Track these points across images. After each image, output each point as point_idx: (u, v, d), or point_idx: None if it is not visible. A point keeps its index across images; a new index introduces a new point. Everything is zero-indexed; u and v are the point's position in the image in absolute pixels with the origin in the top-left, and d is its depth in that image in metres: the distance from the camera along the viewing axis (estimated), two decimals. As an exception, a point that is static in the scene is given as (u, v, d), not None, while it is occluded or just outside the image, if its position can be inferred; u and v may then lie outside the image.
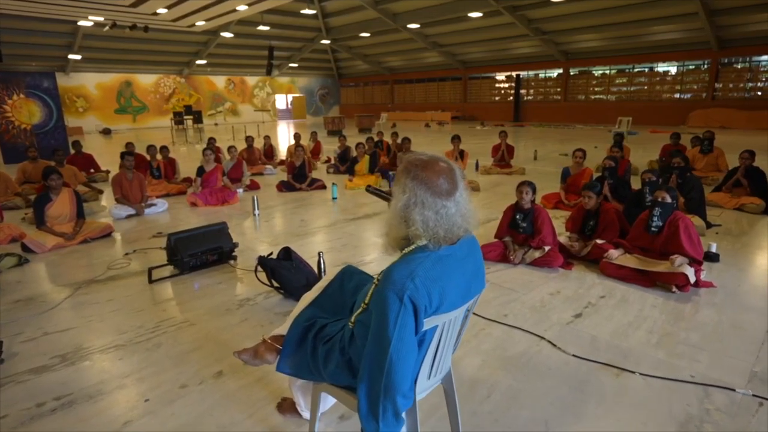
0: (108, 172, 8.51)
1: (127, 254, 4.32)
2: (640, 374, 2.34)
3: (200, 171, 6.41)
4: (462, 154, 7.12)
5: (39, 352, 2.63)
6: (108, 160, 10.71)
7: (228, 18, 18.93)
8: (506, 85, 26.75)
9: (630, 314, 2.99)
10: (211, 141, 8.83)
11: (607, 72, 22.51)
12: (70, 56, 21.82)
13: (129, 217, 5.68)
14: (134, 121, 26.01)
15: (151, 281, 3.62)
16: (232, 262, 4.04)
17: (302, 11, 20.84)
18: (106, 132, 22.96)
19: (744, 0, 15.23)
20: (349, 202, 6.40)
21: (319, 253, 3.56)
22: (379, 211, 5.86)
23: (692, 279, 3.19)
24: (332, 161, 9.44)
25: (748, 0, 15.17)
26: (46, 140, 11.22)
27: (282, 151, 11.54)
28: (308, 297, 1.85)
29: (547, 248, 3.77)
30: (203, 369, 2.43)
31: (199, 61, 25.87)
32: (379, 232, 4.89)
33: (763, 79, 18.32)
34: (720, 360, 2.46)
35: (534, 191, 3.91)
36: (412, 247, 1.33)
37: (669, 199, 3.39)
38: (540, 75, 25.17)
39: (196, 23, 19.31)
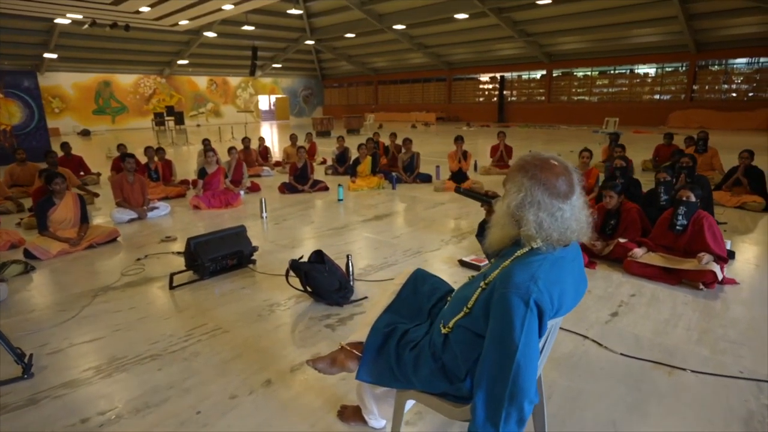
0: (99, 174, 8.23)
1: (139, 260, 4.16)
2: (692, 371, 2.36)
3: (202, 173, 6.25)
4: (465, 155, 7.13)
5: (70, 365, 2.50)
6: (91, 162, 10.34)
7: (212, 17, 18.60)
8: (490, 86, 27.02)
9: (664, 312, 3.02)
10: (207, 142, 8.62)
11: (589, 73, 22.97)
12: (46, 55, 21.10)
13: (131, 221, 5.49)
14: (113, 122, 25.31)
15: (172, 287, 3.50)
16: (251, 266, 3.94)
17: (288, 11, 20.63)
18: (85, 133, 22.27)
19: (720, 5, 15.75)
20: (356, 204, 6.33)
21: (347, 256, 3.49)
22: (389, 212, 5.82)
23: (720, 276, 3.24)
24: (329, 162, 9.35)
25: (724, 5, 15.69)
26: (27, 142, 10.81)
27: (275, 153, 11.37)
28: (381, 302, 1.79)
29: (571, 248, 3.78)
30: (250, 378, 2.35)
31: (180, 61, 25.34)
32: (394, 234, 4.85)
33: (738, 81, 18.97)
34: (762, 355, 2.50)
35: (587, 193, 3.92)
36: (526, 249, 1.30)
37: (693, 198, 3.45)
38: (523, 76, 25.51)
39: (180, 22, 18.90)
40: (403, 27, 22.60)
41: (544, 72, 24.32)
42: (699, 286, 3.28)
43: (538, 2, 17.45)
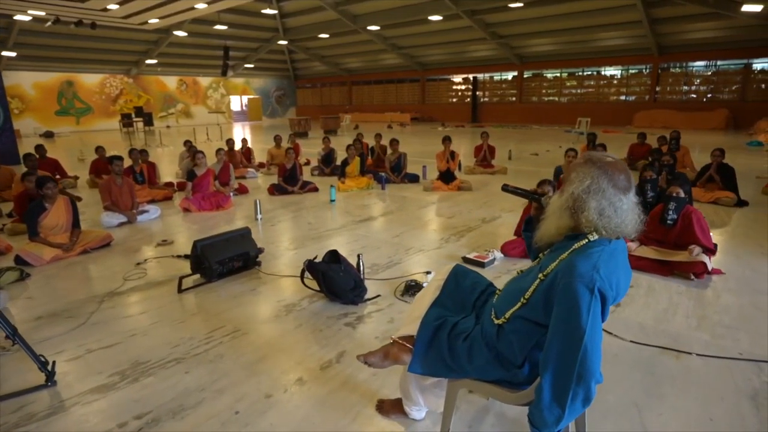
0: (77, 177, 7.95)
1: (139, 264, 4.09)
2: (697, 354, 2.54)
3: (191, 175, 6.15)
4: (453, 155, 7.27)
5: (92, 371, 2.46)
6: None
7: (184, 16, 18.18)
8: (463, 86, 27.45)
9: (662, 302, 3.21)
10: (189, 143, 8.48)
11: (559, 75, 23.67)
12: (4, 53, 20.10)
13: (121, 225, 5.36)
14: (78, 124, 24.35)
15: (180, 291, 3.46)
16: (256, 267, 3.93)
17: (264, 11, 20.39)
18: (48, 135, 21.34)
19: (681, 11, 16.52)
20: (348, 204, 6.37)
21: (358, 255, 3.55)
22: (384, 212, 5.89)
23: (710, 267, 3.47)
24: (312, 163, 9.34)
25: (684, 11, 16.47)
26: (-7, 144, 10.31)
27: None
28: (425, 297, 1.86)
29: (568, 243, 3.95)
30: (281, 377, 2.38)
31: (148, 61, 24.62)
32: (393, 233, 4.92)
33: (697, 83, 19.98)
34: (757, 338, 2.70)
35: (554, 188, 4.09)
36: (584, 242, 1.39)
37: (683, 194, 3.67)
38: (495, 77, 26.03)
39: (149, 21, 18.40)
40: (378, 28, 22.67)
41: (515, 73, 24.90)
42: (690, 276, 3.50)
43: (510, 5, 17.86)
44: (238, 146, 9.39)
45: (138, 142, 16.84)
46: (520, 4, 17.59)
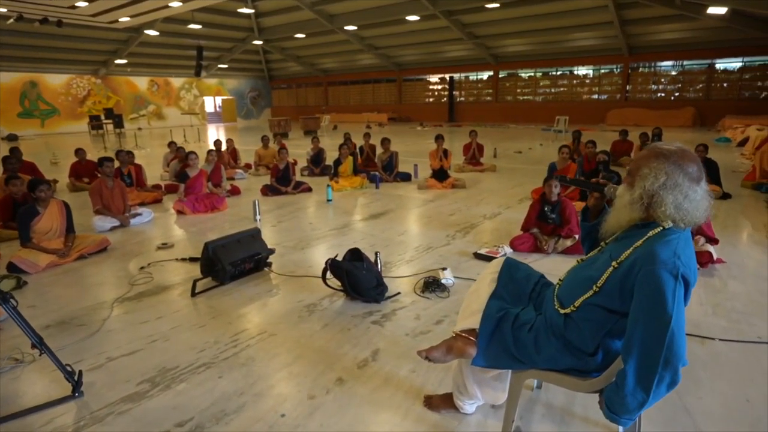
0: (56, 181, 7.61)
1: (143, 268, 3.94)
2: (720, 340, 2.63)
3: (183, 177, 5.98)
4: (446, 153, 7.32)
5: (119, 379, 2.35)
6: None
7: (156, 15, 17.70)
8: (440, 86, 27.69)
9: (675, 290, 3.30)
10: (173, 144, 8.25)
11: (533, 74, 24.17)
12: (-38, 53, 19.12)
13: (113, 229, 5.16)
14: (42, 126, 23.34)
15: (194, 294, 3.36)
16: (267, 269, 3.85)
17: (239, 10, 20.04)
18: (11, 138, 20.36)
19: (650, 12, 17.12)
20: (345, 204, 6.33)
21: (376, 253, 3.53)
22: (383, 211, 5.87)
23: (715, 256, 3.60)
24: (301, 163, 9.22)
25: (653, 12, 17.08)
26: (-42, 148, 9.75)
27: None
28: (481, 290, 1.85)
29: (577, 236, 4.04)
30: (319, 378, 2.33)
31: (118, 61, 23.84)
32: (398, 232, 4.91)
33: (665, 82, 20.76)
34: (771, 322, 2.82)
35: (559, 185, 4.17)
36: (658, 229, 1.41)
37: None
38: (471, 77, 26.38)
39: (120, 19, 17.83)
40: (355, 28, 22.64)
41: (491, 73, 25.28)
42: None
43: (486, 6, 18.13)
44: (223, 147, 9.18)
45: (110, 144, 16.27)
46: (497, 5, 17.88)
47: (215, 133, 22.72)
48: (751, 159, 9.19)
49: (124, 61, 24.08)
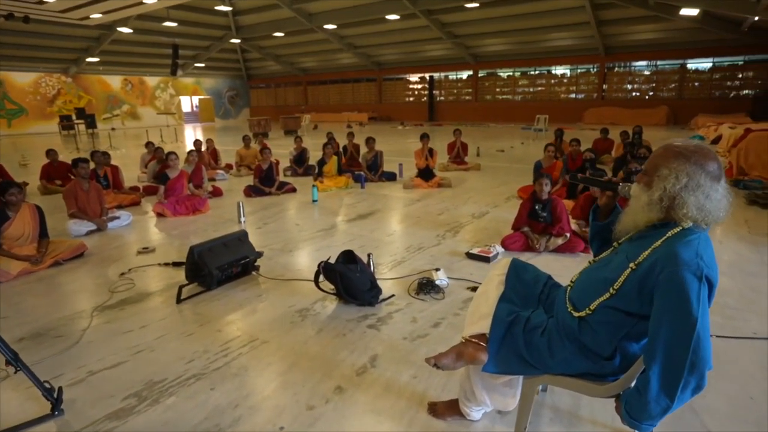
0: (26, 184, 7.27)
1: (123, 274, 3.76)
2: (716, 336, 2.63)
3: (164, 178, 5.78)
4: (431, 152, 7.27)
5: (102, 395, 2.21)
6: None
7: (130, 12, 17.21)
8: (419, 86, 27.74)
9: (668, 287, 3.32)
10: (151, 144, 7.99)
11: (512, 74, 24.41)
12: None
13: (90, 233, 4.93)
14: (9, 126, 22.44)
15: (179, 301, 3.21)
16: (255, 272, 3.72)
17: (216, 8, 19.63)
18: (-24, 140, 19.52)
19: (625, 13, 17.48)
20: (331, 204, 6.21)
21: (368, 255, 3.44)
22: (371, 211, 5.78)
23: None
24: (284, 163, 9.04)
25: (628, 13, 17.44)
26: None
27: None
28: (489, 293, 1.79)
29: (568, 235, 4.03)
30: (317, 387, 2.23)
31: (89, 59, 23.09)
32: (387, 232, 4.84)
33: (639, 82, 21.24)
34: (763, 318, 2.85)
35: (551, 184, 4.16)
36: (678, 229, 1.37)
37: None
38: (450, 76, 26.49)
39: (91, 16, 17.25)
40: (334, 27, 22.47)
41: (470, 72, 25.44)
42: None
43: (466, 5, 18.21)
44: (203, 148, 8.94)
45: (82, 145, 15.72)
46: (476, 5, 17.97)
47: (193, 133, 22.24)
48: (727, 156, 9.43)
49: (96, 60, 23.35)
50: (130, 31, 20.43)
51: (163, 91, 28.51)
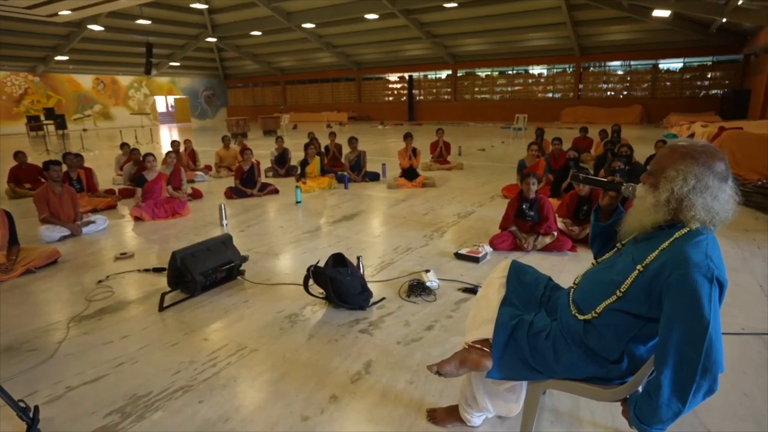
0: (-8, 187, 6.95)
1: (101, 282, 3.60)
2: (707, 333, 2.66)
3: (141, 180, 5.58)
4: (415, 152, 7.24)
5: (82, 412, 2.08)
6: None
7: (101, 8, 16.64)
8: (399, 85, 27.75)
9: (655, 284, 3.35)
10: (126, 146, 7.75)
11: (490, 73, 24.64)
12: None
13: (63, 239, 4.72)
14: (-27, 128, 21.51)
15: (162, 309, 3.08)
16: (240, 277, 3.62)
17: (191, 5, 19.20)
18: (-63, 142, 18.63)
19: (600, 14, 17.84)
20: (315, 206, 6.12)
21: (358, 257, 3.37)
22: (356, 212, 5.71)
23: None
24: (265, 164, 8.89)
25: (603, 14, 17.80)
26: None
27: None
28: (490, 296, 1.75)
29: (555, 233, 4.05)
30: (311, 396, 2.16)
31: (58, 57, 22.30)
32: (373, 233, 4.78)
33: (614, 81, 21.71)
34: (750, 313, 2.89)
35: (538, 183, 4.16)
36: (685, 230, 1.35)
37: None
38: (429, 76, 26.59)
39: (59, 13, 16.64)
40: (313, 26, 22.28)
41: (449, 72, 25.58)
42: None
43: (444, 5, 18.28)
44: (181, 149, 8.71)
45: (52, 147, 15.16)
46: (455, 4, 18.05)
47: (168, 133, 21.74)
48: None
49: (65, 58, 22.57)
50: (101, 28, 19.81)
51: (137, 91, 27.78)
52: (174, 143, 8.16)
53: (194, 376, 2.34)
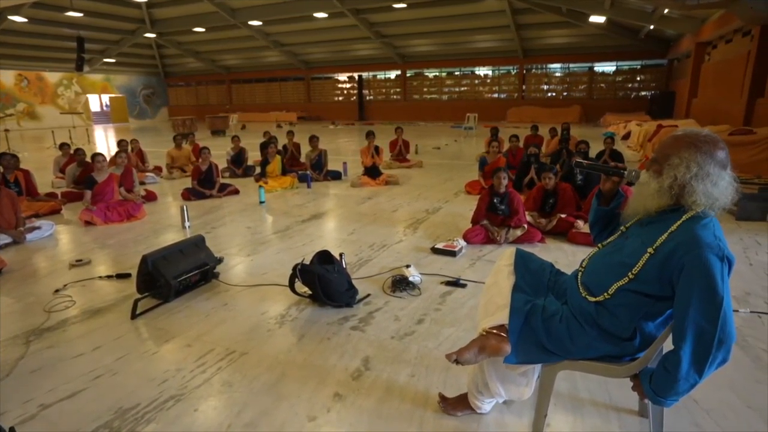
0: None
1: (58, 291, 3.31)
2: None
3: (90, 182, 5.20)
4: (377, 150, 7.25)
5: (64, 429, 1.91)
6: None
7: (24, -1, 15.35)
8: (349, 85, 27.67)
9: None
10: (66, 146, 7.18)
11: (438, 74, 25.14)
12: None
13: (5, 246, 4.30)
14: None
15: (134, 316, 2.88)
16: (215, 279, 3.46)
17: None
18: None
19: (541, 18, 18.70)
20: (280, 206, 5.97)
21: (340, 254, 3.32)
22: (323, 211, 5.63)
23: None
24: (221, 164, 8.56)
25: (544, 18, 18.67)
26: None
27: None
28: (501, 284, 1.78)
29: (525, 226, 4.19)
30: (315, 396, 2.10)
31: (-27, 51, 20.30)
32: (347, 231, 4.73)
33: (555, 83, 22.84)
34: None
35: (507, 177, 4.30)
36: (692, 213, 1.44)
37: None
38: (379, 76, 26.71)
39: (-25, 1, 15.16)
40: (259, 23, 21.71)
41: (398, 72, 25.83)
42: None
43: (393, 5, 18.44)
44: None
45: (-28, 149, 13.77)
46: (404, 5, 18.26)
47: (104, 134, 20.39)
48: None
49: (-19, 52, 20.57)
50: (25, 20, 18.23)
51: (67, 89, 25.82)
52: (122, 143, 7.67)
53: (184, 384, 2.21)
